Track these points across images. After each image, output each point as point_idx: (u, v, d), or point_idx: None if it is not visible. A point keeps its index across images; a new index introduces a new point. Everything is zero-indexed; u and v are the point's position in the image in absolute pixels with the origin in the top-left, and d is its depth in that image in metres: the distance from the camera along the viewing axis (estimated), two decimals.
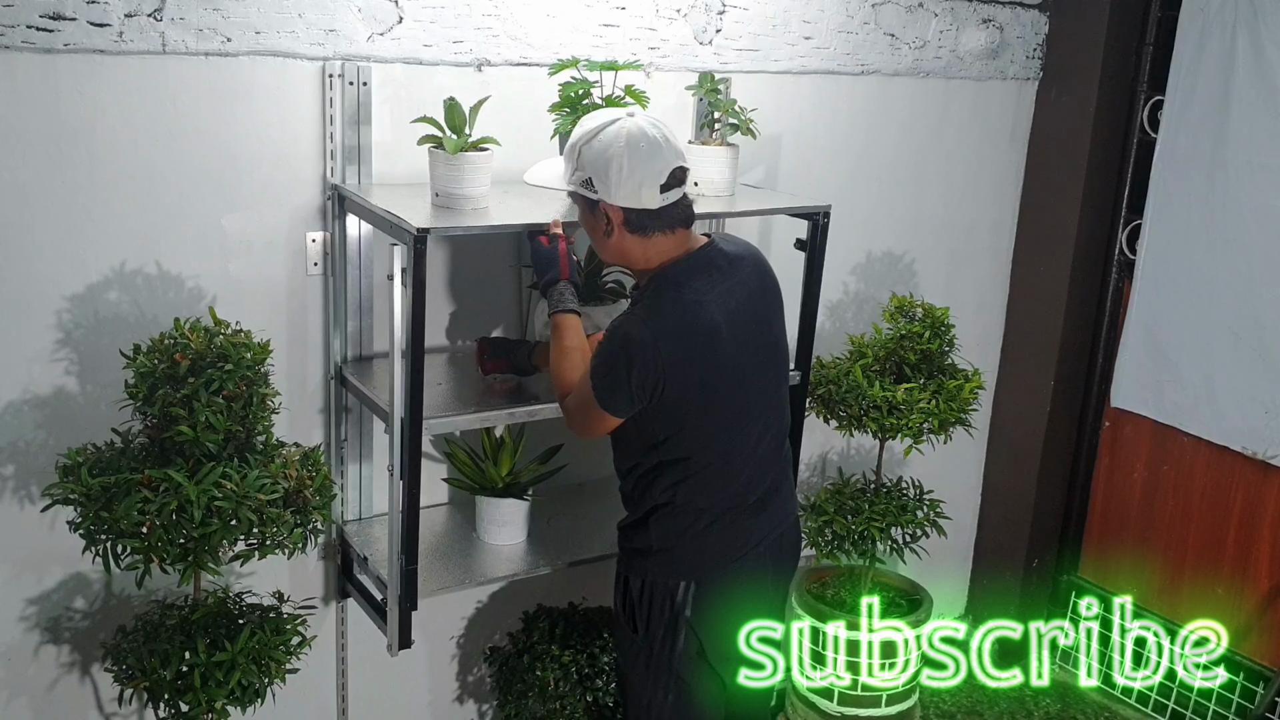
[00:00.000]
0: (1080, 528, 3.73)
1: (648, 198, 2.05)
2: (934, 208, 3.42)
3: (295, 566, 2.56)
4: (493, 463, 2.61)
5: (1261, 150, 3.06)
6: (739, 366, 2.14)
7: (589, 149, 2.06)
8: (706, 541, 2.21)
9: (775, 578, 2.35)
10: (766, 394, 2.23)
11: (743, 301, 2.15)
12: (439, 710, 2.92)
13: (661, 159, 2.04)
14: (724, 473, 2.19)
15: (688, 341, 2.07)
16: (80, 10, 2.07)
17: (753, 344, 2.17)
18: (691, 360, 2.07)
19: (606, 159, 2.03)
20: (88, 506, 1.95)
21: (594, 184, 2.06)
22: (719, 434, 2.15)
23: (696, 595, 2.21)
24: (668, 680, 2.27)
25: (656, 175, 2.04)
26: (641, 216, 2.07)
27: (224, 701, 2.10)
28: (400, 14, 2.38)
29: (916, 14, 3.15)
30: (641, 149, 2.03)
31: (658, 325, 2.06)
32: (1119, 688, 3.62)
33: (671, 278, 2.10)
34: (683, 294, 2.08)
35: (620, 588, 2.31)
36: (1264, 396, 3.14)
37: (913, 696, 3.25)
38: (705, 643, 2.24)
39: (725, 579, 2.23)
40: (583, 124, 2.11)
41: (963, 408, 2.93)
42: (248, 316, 2.31)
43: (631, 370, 2.04)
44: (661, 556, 2.23)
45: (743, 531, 2.23)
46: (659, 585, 2.23)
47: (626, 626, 2.29)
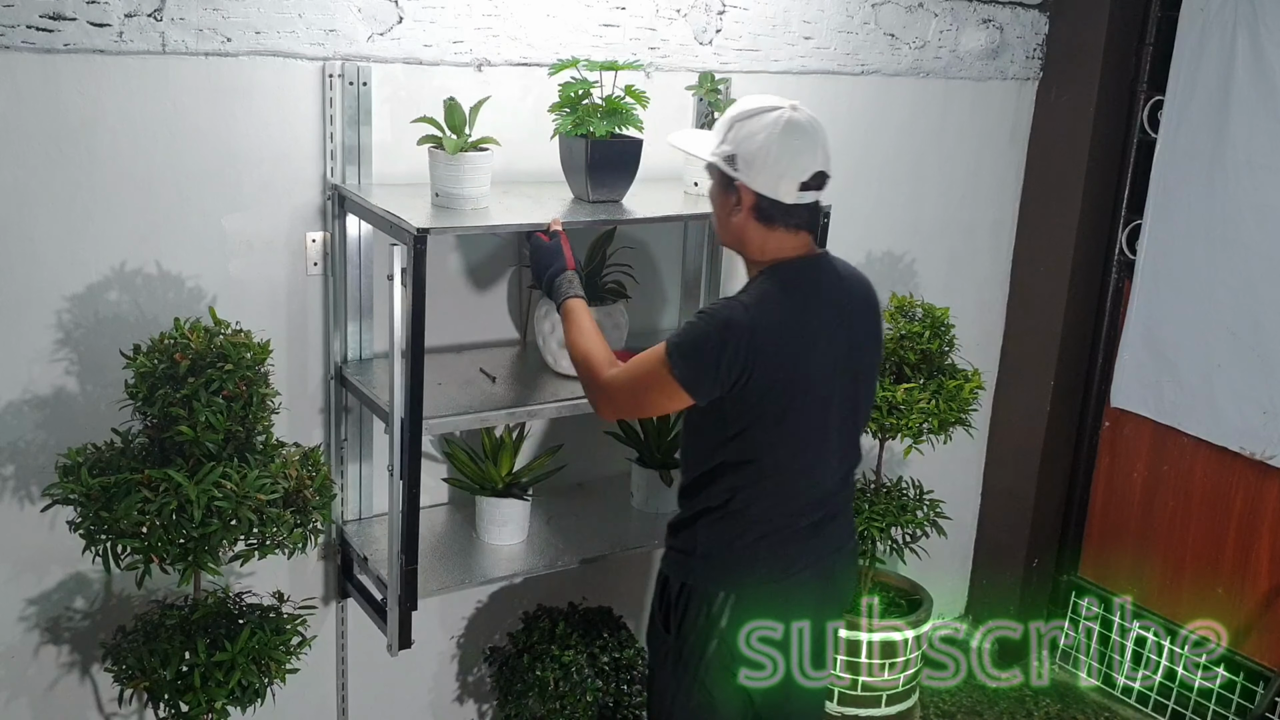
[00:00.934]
0: (1080, 528, 3.73)
1: (785, 191, 2.00)
2: (934, 208, 3.42)
3: (295, 566, 2.56)
4: (493, 463, 2.61)
5: (1261, 150, 3.06)
6: (828, 384, 2.07)
7: (743, 126, 2.01)
8: (754, 556, 2.13)
9: (820, 604, 2.24)
10: (848, 424, 2.15)
11: (843, 323, 2.09)
12: (439, 710, 2.92)
13: (809, 156, 2.00)
14: (787, 488, 2.11)
15: (783, 339, 2.01)
16: (80, 10, 2.07)
17: (845, 369, 2.10)
18: (783, 359, 2.01)
19: (757, 142, 1.99)
20: (88, 506, 1.95)
21: (736, 162, 2.01)
22: (792, 445, 2.08)
23: (734, 607, 2.14)
24: (692, 686, 2.20)
25: (800, 171, 2.00)
26: (772, 207, 2.02)
27: (224, 701, 2.10)
28: (400, 14, 2.38)
29: (916, 14, 3.16)
30: (794, 143, 1.99)
31: (758, 314, 2.00)
32: (1119, 687, 3.62)
33: (781, 275, 2.06)
34: (789, 292, 2.04)
35: (659, 585, 2.25)
36: (1262, 397, 3.14)
37: (913, 696, 3.25)
38: (734, 657, 2.16)
39: (766, 597, 2.16)
40: (744, 101, 2.06)
41: (963, 408, 2.93)
42: (248, 316, 2.31)
43: (724, 351, 1.97)
44: (705, 562, 2.16)
45: (792, 552, 2.15)
46: (697, 590, 2.16)
47: (660, 625, 2.24)
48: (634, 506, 2.85)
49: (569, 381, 2.51)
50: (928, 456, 3.15)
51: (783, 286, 2.04)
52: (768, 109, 2.01)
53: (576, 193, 2.46)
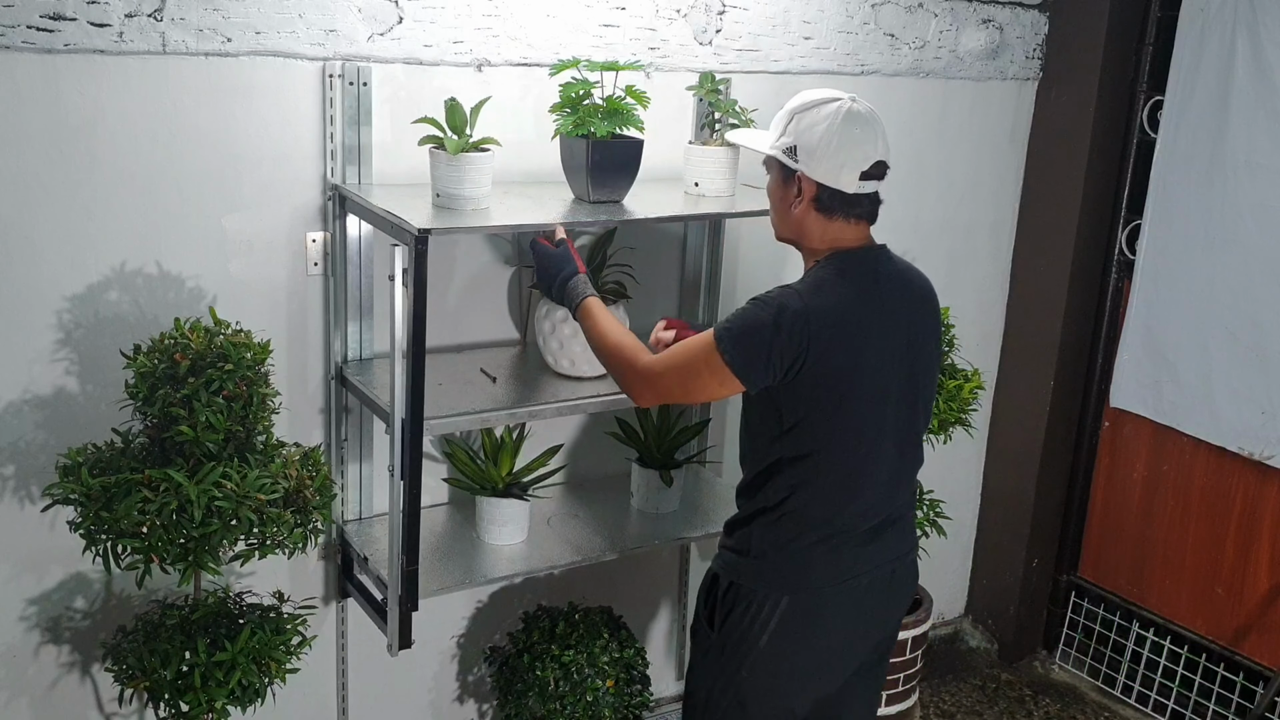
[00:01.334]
0: (1080, 528, 3.73)
1: (846, 180, 2.01)
2: (934, 208, 3.42)
3: (295, 566, 2.56)
4: (493, 463, 2.61)
5: (1261, 150, 3.06)
6: (885, 377, 2.05)
7: (804, 117, 2.02)
8: (809, 559, 2.09)
9: (879, 614, 2.20)
10: (905, 421, 2.12)
11: (902, 317, 2.08)
12: (439, 710, 2.92)
13: (870, 146, 2.02)
14: (846, 486, 2.07)
15: (840, 325, 1.99)
16: (80, 10, 2.07)
17: (903, 366, 2.08)
18: (839, 346, 1.99)
19: (818, 133, 2.00)
20: (88, 506, 1.95)
21: (797, 153, 2.02)
22: (849, 438, 2.05)
23: (786, 614, 2.10)
24: (728, 686, 2.17)
25: (861, 161, 2.01)
26: (833, 198, 2.03)
27: (224, 701, 2.10)
28: (400, 14, 2.38)
29: (916, 14, 3.16)
30: (855, 133, 2.00)
31: (813, 300, 1.99)
32: (1119, 687, 3.62)
33: (838, 263, 2.06)
34: (846, 280, 2.03)
35: (708, 581, 2.22)
36: (1261, 397, 3.14)
37: (913, 696, 3.25)
38: (781, 662, 2.13)
39: (820, 603, 2.11)
40: (803, 94, 2.07)
41: (963, 408, 2.93)
42: (248, 316, 2.31)
43: (778, 336, 1.96)
44: (758, 564, 2.12)
45: (849, 558, 2.10)
46: (745, 590, 2.13)
47: (704, 620, 2.21)
48: (634, 506, 2.85)
49: (569, 381, 2.52)
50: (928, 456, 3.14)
51: (840, 273, 2.04)
52: (828, 100, 2.02)
53: (577, 193, 2.46)
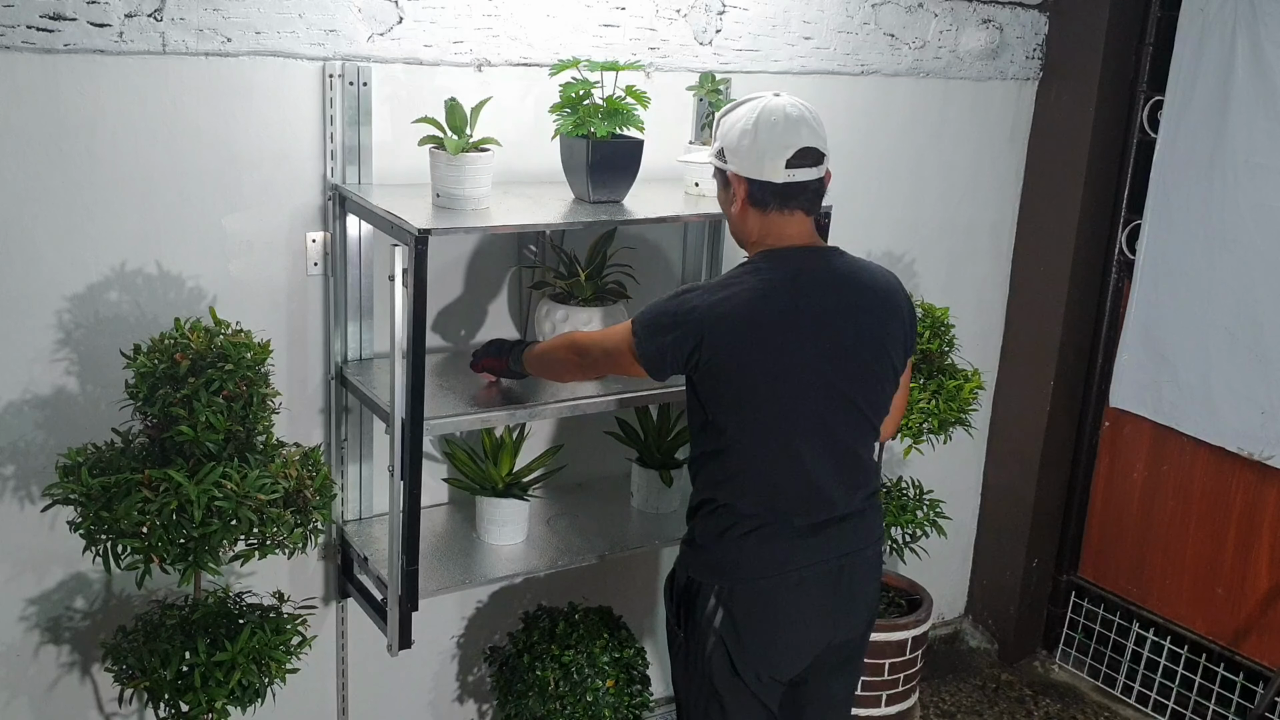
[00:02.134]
0: (1080, 528, 3.73)
1: (770, 169, 2.04)
2: (934, 208, 3.42)
3: (295, 566, 2.56)
4: (493, 463, 2.61)
5: (1261, 150, 3.06)
6: (799, 375, 2.05)
7: (725, 120, 2.11)
8: (741, 549, 2.12)
9: (828, 610, 2.18)
10: (838, 422, 2.11)
11: (841, 317, 2.07)
12: (439, 710, 2.92)
13: (791, 134, 2.04)
14: (768, 481, 2.09)
15: (737, 323, 2.02)
16: (80, 10, 2.07)
17: (828, 365, 2.07)
18: (734, 343, 2.02)
19: (737, 128, 2.06)
20: (88, 506, 1.95)
21: (725, 154, 2.09)
22: (759, 434, 2.07)
23: (727, 602, 2.13)
24: (705, 684, 2.19)
25: (782, 148, 2.04)
26: (763, 190, 2.06)
27: (224, 701, 2.10)
28: (400, 14, 2.38)
29: (916, 14, 3.16)
30: (772, 121, 2.04)
31: (717, 297, 2.03)
32: (1119, 687, 3.62)
33: (757, 262, 2.08)
34: (756, 277, 2.05)
35: (669, 579, 2.27)
36: (1260, 398, 3.14)
37: (913, 696, 3.25)
38: (731, 653, 2.15)
39: (757, 596, 2.13)
40: (730, 102, 2.16)
41: (963, 408, 2.93)
42: (248, 316, 2.31)
43: (674, 331, 2.05)
44: (702, 554, 2.17)
45: (783, 550, 2.11)
46: (695, 583, 2.17)
47: (673, 621, 2.24)
48: (634, 506, 2.85)
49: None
50: (928, 456, 3.15)
51: (756, 270, 2.07)
52: (747, 100, 2.11)
53: (577, 193, 2.46)
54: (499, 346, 2.46)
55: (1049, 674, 3.78)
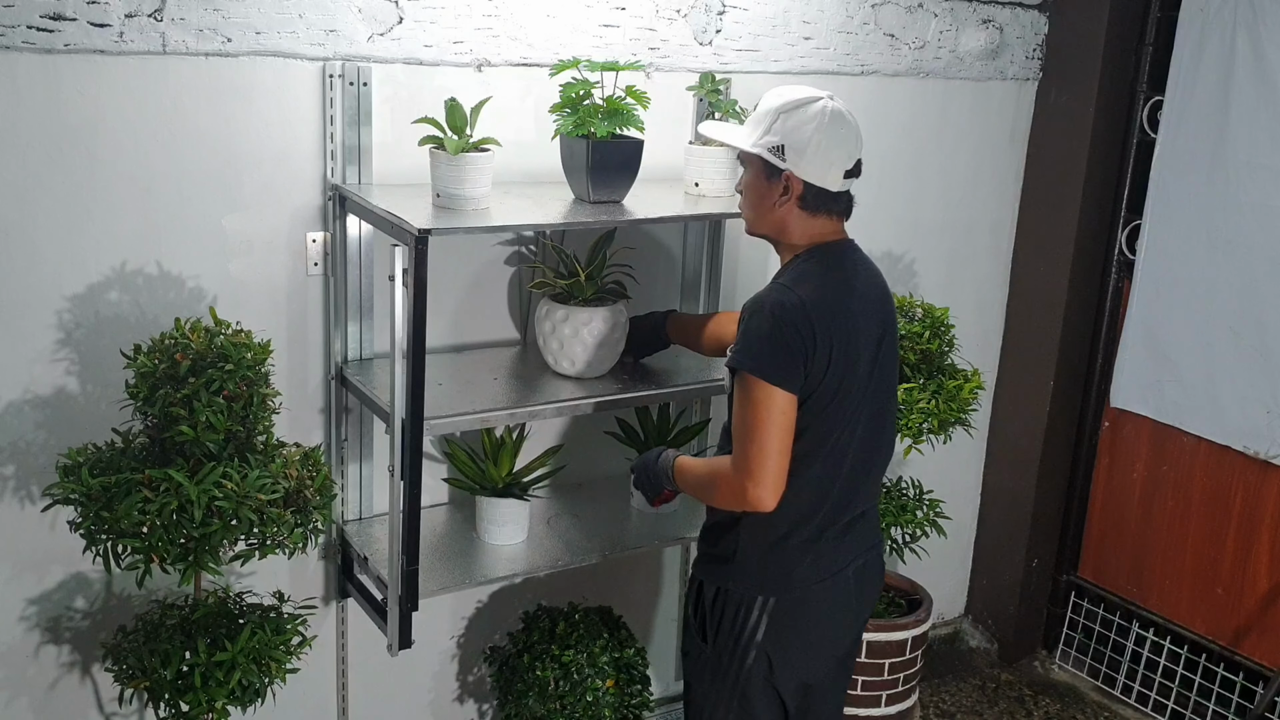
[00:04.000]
0: (1080, 528, 3.73)
1: (832, 179, 2.04)
2: (934, 208, 3.42)
3: (295, 566, 2.56)
4: (493, 463, 2.61)
5: (1261, 150, 3.06)
6: (866, 367, 2.07)
7: (791, 117, 2.04)
8: (794, 559, 2.11)
9: (857, 607, 2.23)
10: (878, 415, 2.14)
11: (875, 309, 2.11)
12: (439, 710, 2.92)
13: (853, 144, 2.05)
14: (828, 478, 2.08)
15: (831, 314, 2.01)
16: (80, 10, 2.07)
17: (876, 357, 2.10)
18: (832, 334, 2.00)
19: (807, 132, 2.02)
20: (88, 506, 1.95)
21: (784, 152, 2.04)
22: (837, 429, 2.06)
23: (774, 613, 2.12)
24: (730, 697, 2.19)
25: (846, 160, 2.05)
26: (819, 196, 2.06)
27: (224, 701, 2.10)
28: (400, 14, 2.38)
29: (916, 14, 3.16)
30: (841, 132, 2.03)
31: (805, 292, 2.01)
32: (1119, 687, 3.62)
33: (819, 256, 2.08)
34: (830, 271, 2.06)
35: (693, 593, 2.23)
36: (1265, 396, 3.14)
37: (913, 696, 3.25)
38: (775, 664, 2.15)
39: (807, 601, 2.13)
40: (783, 93, 2.09)
41: (962, 408, 2.93)
42: (248, 317, 2.31)
43: (785, 331, 1.97)
44: (743, 566, 2.13)
45: (828, 554, 2.13)
46: (734, 596, 2.14)
47: (696, 634, 2.22)
48: (634, 506, 2.84)
49: (569, 381, 2.52)
50: (928, 456, 3.15)
51: (823, 265, 2.07)
52: (812, 99, 2.05)
53: (577, 193, 2.46)
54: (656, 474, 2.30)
55: (1049, 674, 3.78)
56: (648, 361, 2.68)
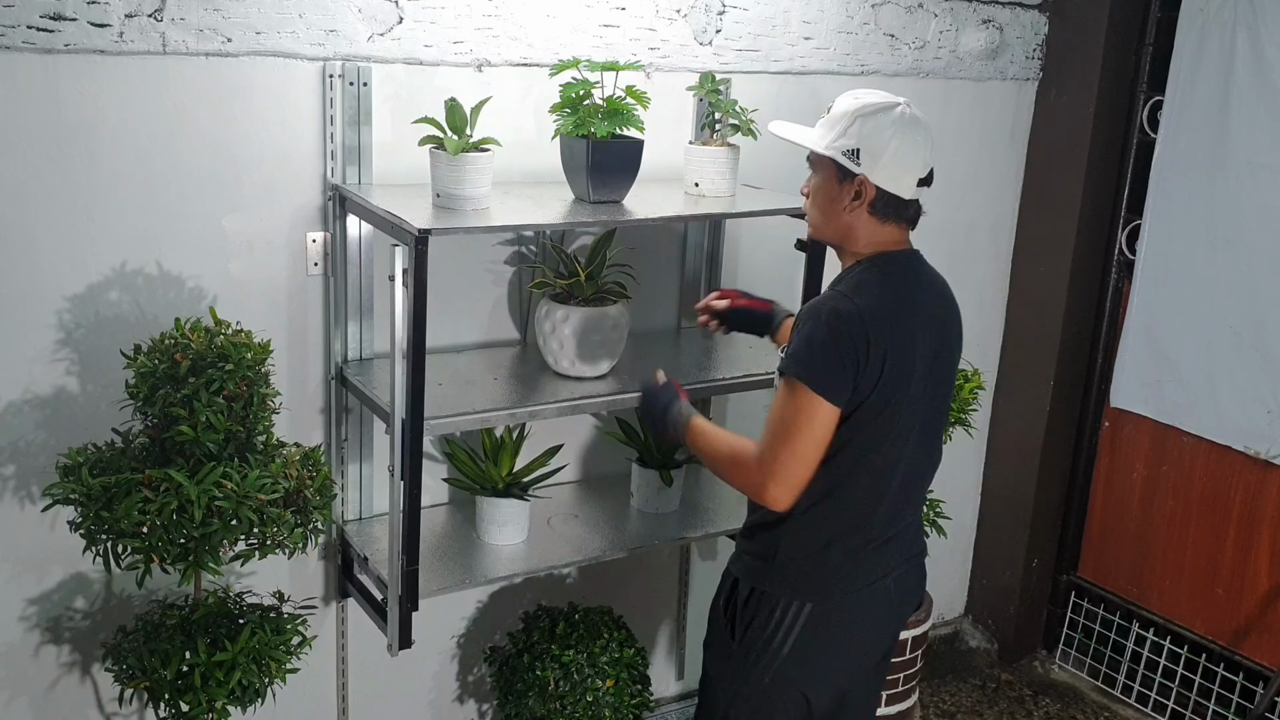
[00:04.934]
0: (1080, 528, 3.73)
1: (905, 186, 2.03)
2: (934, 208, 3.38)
3: (295, 566, 2.56)
4: (493, 463, 2.61)
5: (1262, 150, 3.06)
6: (922, 379, 2.05)
7: (869, 121, 2.01)
8: (836, 566, 2.09)
9: (894, 615, 2.22)
10: (930, 424, 2.13)
11: (936, 321, 2.09)
12: (439, 710, 2.92)
13: (927, 152, 2.04)
14: (876, 489, 2.07)
15: (890, 325, 1.99)
16: (80, 10, 2.07)
17: (934, 369, 2.08)
18: (888, 345, 1.98)
19: (884, 137, 2.00)
20: (88, 506, 1.95)
21: (859, 156, 2.02)
22: (888, 440, 2.05)
23: (809, 620, 2.10)
24: (751, 695, 2.17)
25: (921, 167, 2.03)
26: (890, 203, 2.04)
27: (224, 701, 2.10)
28: (400, 14, 2.38)
29: (916, 14, 3.16)
30: (918, 139, 2.02)
31: (862, 301, 1.99)
32: (1119, 687, 3.62)
33: (881, 265, 2.06)
34: (889, 281, 2.04)
35: (727, 588, 2.21)
36: (1266, 396, 3.14)
37: (913, 696, 3.25)
38: (806, 670, 2.13)
39: (844, 610, 2.11)
40: (859, 96, 2.07)
41: (963, 408, 2.93)
42: (248, 316, 2.31)
43: (842, 342, 1.95)
44: (783, 570, 2.11)
45: (869, 563, 2.11)
46: (768, 598, 2.12)
47: (725, 630, 2.20)
48: (634, 506, 2.85)
49: (569, 381, 2.52)
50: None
51: (884, 275, 2.04)
52: (890, 104, 2.04)
53: (577, 193, 2.46)
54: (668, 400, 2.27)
55: (1049, 674, 3.78)
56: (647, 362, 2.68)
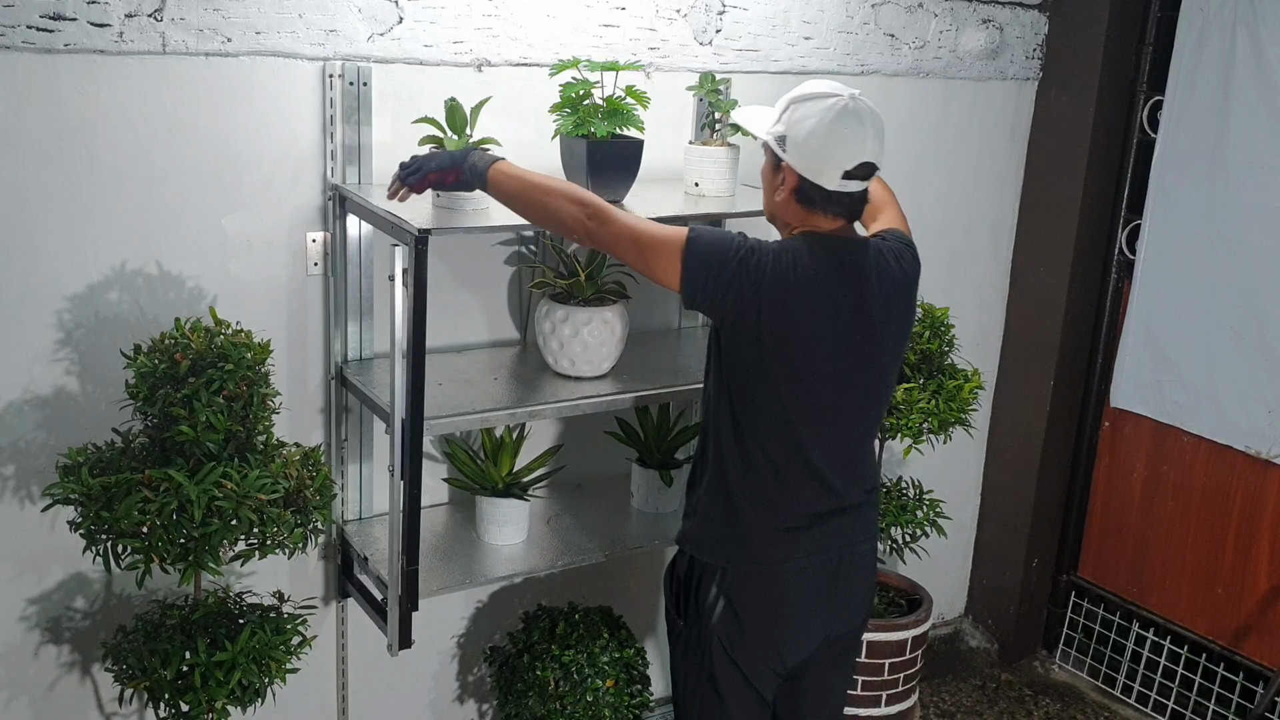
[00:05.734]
0: (1080, 528, 3.73)
1: (827, 177, 2.01)
2: (934, 208, 3.42)
3: (295, 566, 2.56)
4: (493, 463, 2.61)
5: (1262, 150, 3.06)
6: (837, 361, 2.05)
7: (798, 108, 2.02)
8: (747, 531, 2.11)
9: (827, 600, 2.18)
10: (858, 414, 2.13)
11: (872, 307, 2.06)
12: (439, 710, 2.92)
13: (857, 147, 2.00)
14: (771, 464, 2.08)
15: (794, 292, 1.98)
16: (80, 10, 2.07)
17: (864, 356, 2.08)
18: (787, 310, 1.98)
19: (807, 126, 2.00)
20: (88, 506, 1.95)
21: (786, 143, 2.03)
22: (781, 412, 2.05)
23: (730, 593, 2.12)
24: (703, 674, 2.19)
25: (845, 160, 2.00)
26: (813, 191, 2.03)
27: (224, 701, 2.10)
28: (400, 14, 2.38)
29: (916, 14, 3.16)
30: (844, 132, 1.99)
31: (778, 260, 1.99)
32: (1119, 687, 3.62)
33: (808, 239, 2.04)
34: (811, 254, 2.01)
35: (669, 568, 2.26)
36: (1267, 395, 3.14)
37: (913, 696, 3.25)
38: (736, 646, 2.14)
39: (760, 584, 2.13)
40: (808, 85, 2.07)
41: (962, 408, 2.93)
42: (248, 316, 2.31)
43: (737, 267, 1.96)
44: (704, 531, 2.16)
45: (788, 537, 2.12)
46: (699, 566, 2.16)
47: (672, 610, 2.24)
48: (634, 506, 2.85)
49: (569, 381, 2.52)
50: (928, 456, 3.15)
51: (809, 247, 2.03)
52: (826, 95, 2.02)
53: None
54: (446, 158, 2.16)
55: (1049, 674, 3.78)
56: (647, 362, 2.68)
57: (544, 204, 2.07)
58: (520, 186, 2.09)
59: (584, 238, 2.05)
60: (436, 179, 2.16)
